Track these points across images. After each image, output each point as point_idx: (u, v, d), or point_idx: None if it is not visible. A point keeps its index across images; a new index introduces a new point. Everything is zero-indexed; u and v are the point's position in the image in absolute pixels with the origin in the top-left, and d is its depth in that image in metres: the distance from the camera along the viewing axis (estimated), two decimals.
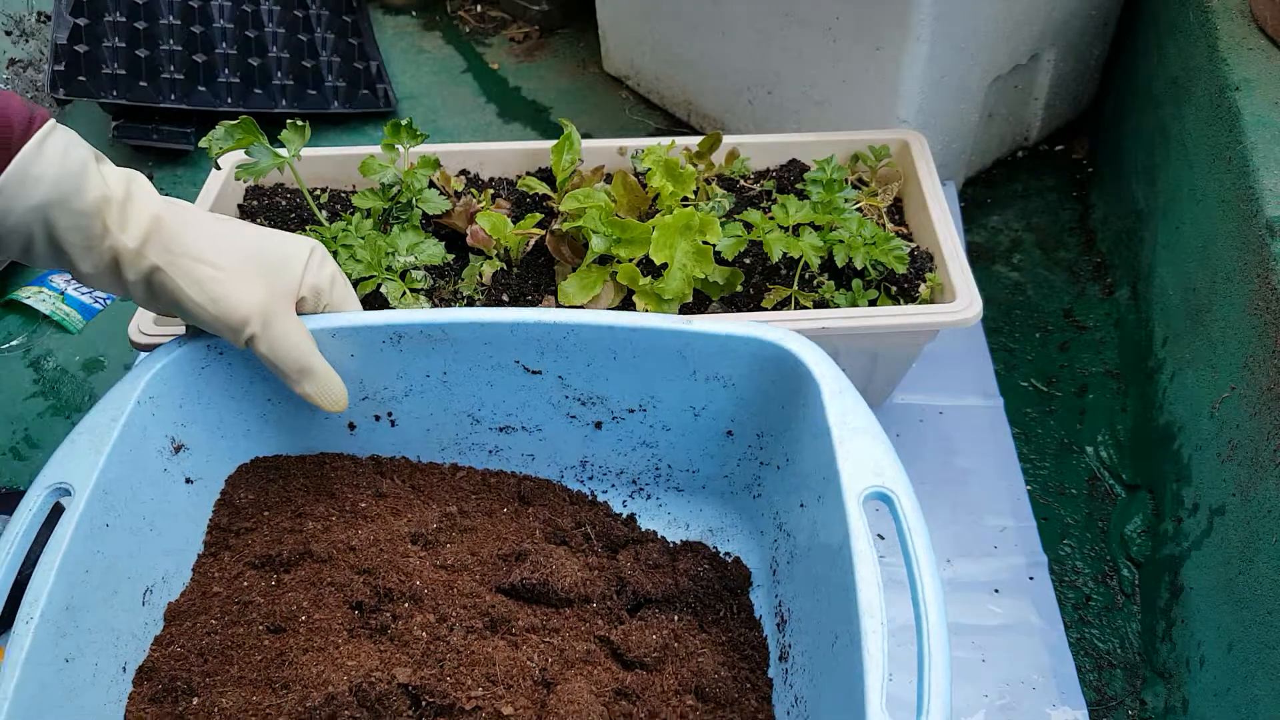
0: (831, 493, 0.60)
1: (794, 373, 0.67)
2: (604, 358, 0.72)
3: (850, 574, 0.55)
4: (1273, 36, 0.86)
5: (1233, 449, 0.72)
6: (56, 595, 0.56)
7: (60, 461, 0.61)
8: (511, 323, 0.70)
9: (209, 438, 0.71)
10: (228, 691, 0.62)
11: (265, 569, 0.69)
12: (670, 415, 0.75)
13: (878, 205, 0.89)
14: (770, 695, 0.66)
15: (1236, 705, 0.65)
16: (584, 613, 0.69)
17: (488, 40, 1.55)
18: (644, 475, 0.80)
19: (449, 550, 0.71)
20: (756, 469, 0.76)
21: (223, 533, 0.71)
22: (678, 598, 0.70)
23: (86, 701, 0.58)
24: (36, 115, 0.57)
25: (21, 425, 0.99)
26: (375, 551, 0.69)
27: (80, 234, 0.58)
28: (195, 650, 0.64)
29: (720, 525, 0.78)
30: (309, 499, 0.73)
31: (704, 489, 0.80)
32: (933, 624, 0.52)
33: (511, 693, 0.61)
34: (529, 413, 0.76)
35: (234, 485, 0.73)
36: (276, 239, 0.66)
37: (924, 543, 0.55)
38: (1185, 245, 0.88)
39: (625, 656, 0.66)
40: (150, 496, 0.66)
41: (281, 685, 0.62)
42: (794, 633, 0.66)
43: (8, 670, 0.52)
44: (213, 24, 1.33)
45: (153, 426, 0.67)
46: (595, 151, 0.92)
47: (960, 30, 1.00)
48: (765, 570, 0.73)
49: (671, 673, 0.65)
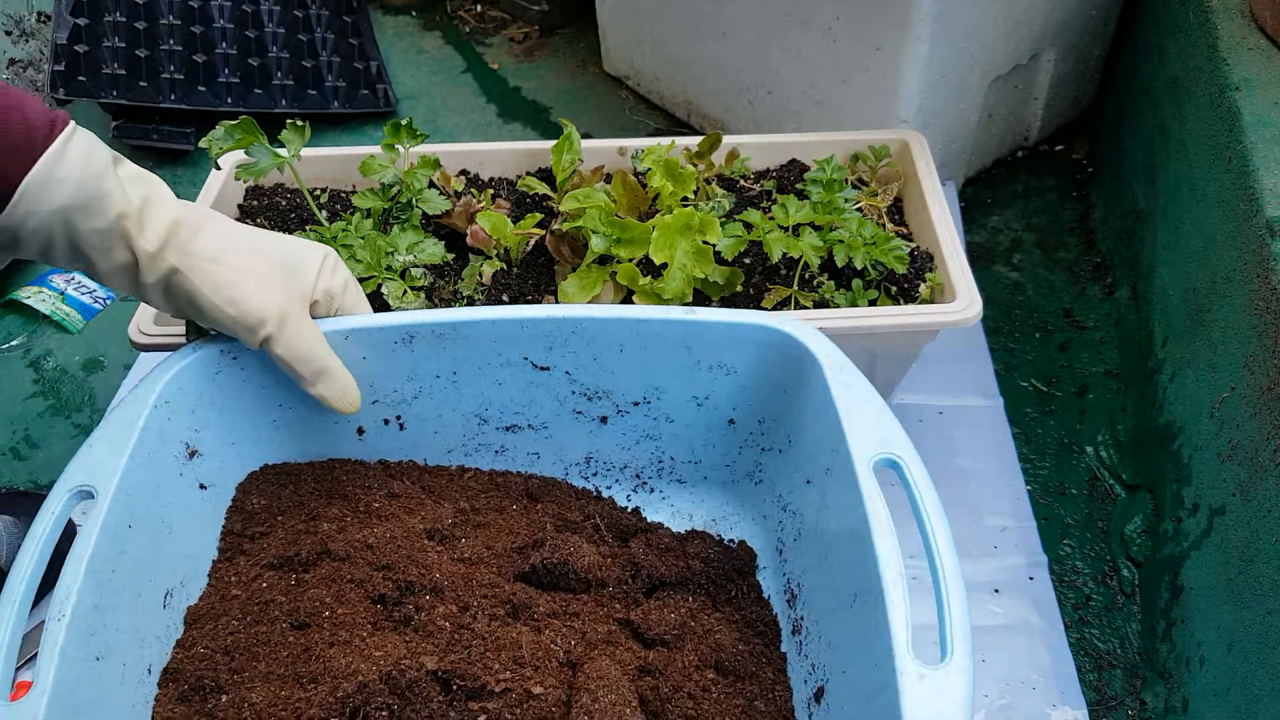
0: (840, 463, 0.62)
1: (796, 356, 0.69)
2: (610, 351, 0.73)
3: (867, 533, 0.57)
4: (1273, 36, 0.86)
5: (1233, 449, 0.72)
6: (86, 593, 0.57)
7: (81, 464, 0.62)
8: (522, 319, 0.71)
9: (221, 444, 0.72)
10: (256, 687, 0.62)
11: (284, 569, 0.70)
12: (674, 407, 0.76)
13: (878, 205, 0.89)
14: (785, 668, 0.68)
15: (1236, 705, 0.65)
16: (601, 597, 0.70)
17: (488, 40, 1.55)
18: (647, 469, 0.81)
19: (465, 544, 0.72)
20: (758, 455, 0.78)
21: (237, 538, 0.72)
22: (690, 580, 0.72)
23: (116, 700, 0.59)
24: (58, 118, 0.58)
25: (21, 425, 0.99)
26: (393, 548, 0.70)
27: (100, 237, 0.59)
28: (220, 649, 0.65)
29: (723, 514, 0.80)
30: (321, 502, 0.74)
31: (706, 479, 0.81)
32: (949, 571, 0.54)
33: (540, 673, 0.62)
34: (536, 410, 0.77)
35: (245, 492, 0.74)
36: (291, 244, 0.67)
37: (934, 502, 0.58)
38: (1185, 245, 0.88)
39: (645, 635, 0.67)
40: (168, 500, 0.67)
41: (310, 679, 0.62)
42: (805, 605, 0.68)
43: (44, 664, 0.53)
44: (213, 24, 1.33)
45: (169, 431, 0.68)
46: (595, 151, 0.92)
47: (960, 30, 1.00)
48: (771, 551, 0.75)
49: (691, 649, 0.66)
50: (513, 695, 0.60)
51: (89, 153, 0.58)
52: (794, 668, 0.67)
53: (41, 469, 0.95)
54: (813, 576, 0.68)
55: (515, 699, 0.60)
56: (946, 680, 0.51)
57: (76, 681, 0.55)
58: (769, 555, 0.75)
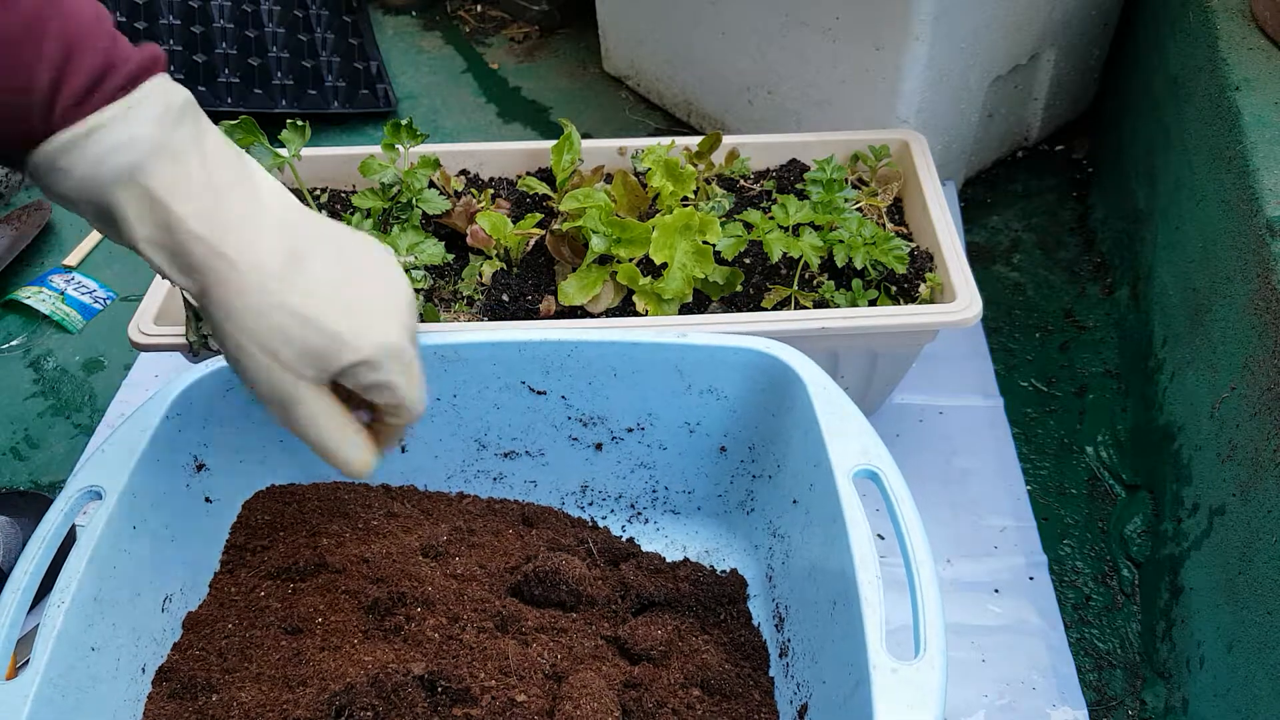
0: (822, 477, 0.63)
1: (783, 378, 0.70)
2: (604, 375, 0.74)
3: (844, 538, 0.59)
4: (1273, 36, 0.86)
5: (1233, 449, 0.72)
6: (87, 584, 0.58)
7: (92, 467, 0.63)
8: (519, 342, 0.72)
9: (228, 460, 0.73)
10: (246, 687, 0.64)
11: (281, 579, 0.71)
12: (667, 433, 0.77)
13: (878, 205, 0.89)
14: (772, 690, 0.68)
15: (1236, 705, 0.65)
16: (590, 615, 0.70)
17: (488, 40, 1.55)
18: (641, 499, 0.81)
19: (458, 562, 0.72)
20: (749, 483, 0.78)
21: (240, 551, 0.73)
22: (679, 601, 0.72)
23: (107, 693, 0.60)
24: (154, 54, 0.48)
25: (21, 425, 0.99)
26: (388, 562, 0.70)
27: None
28: (214, 651, 0.67)
29: (715, 545, 0.80)
30: (323, 520, 0.75)
31: (699, 510, 0.81)
32: (924, 574, 0.56)
33: (524, 682, 0.63)
34: (533, 436, 0.78)
35: (251, 509, 0.75)
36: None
37: (911, 510, 0.59)
38: (1185, 245, 0.88)
39: (632, 651, 0.67)
40: (174, 508, 0.68)
41: (299, 681, 0.63)
42: (792, 626, 0.68)
43: (40, 646, 0.55)
44: (213, 24, 1.34)
45: (179, 441, 0.69)
46: (595, 151, 0.92)
47: (960, 30, 1.00)
48: (761, 580, 0.75)
49: (677, 667, 0.66)
50: (497, 702, 0.61)
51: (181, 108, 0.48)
52: (780, 691, 0.67)
53: (41, 469, 0.95)
54: (799, 595, 0.68)
55: (499, 705, 0.61)
56: (919, 675, 0.52)
57: (70, 668, 0.57)
58: (759, 584, 0.75)
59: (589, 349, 0.72)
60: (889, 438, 0.91)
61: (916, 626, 0.54)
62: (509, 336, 0.72)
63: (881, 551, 0.58)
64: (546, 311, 0.81)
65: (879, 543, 0.81)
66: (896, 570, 0.58)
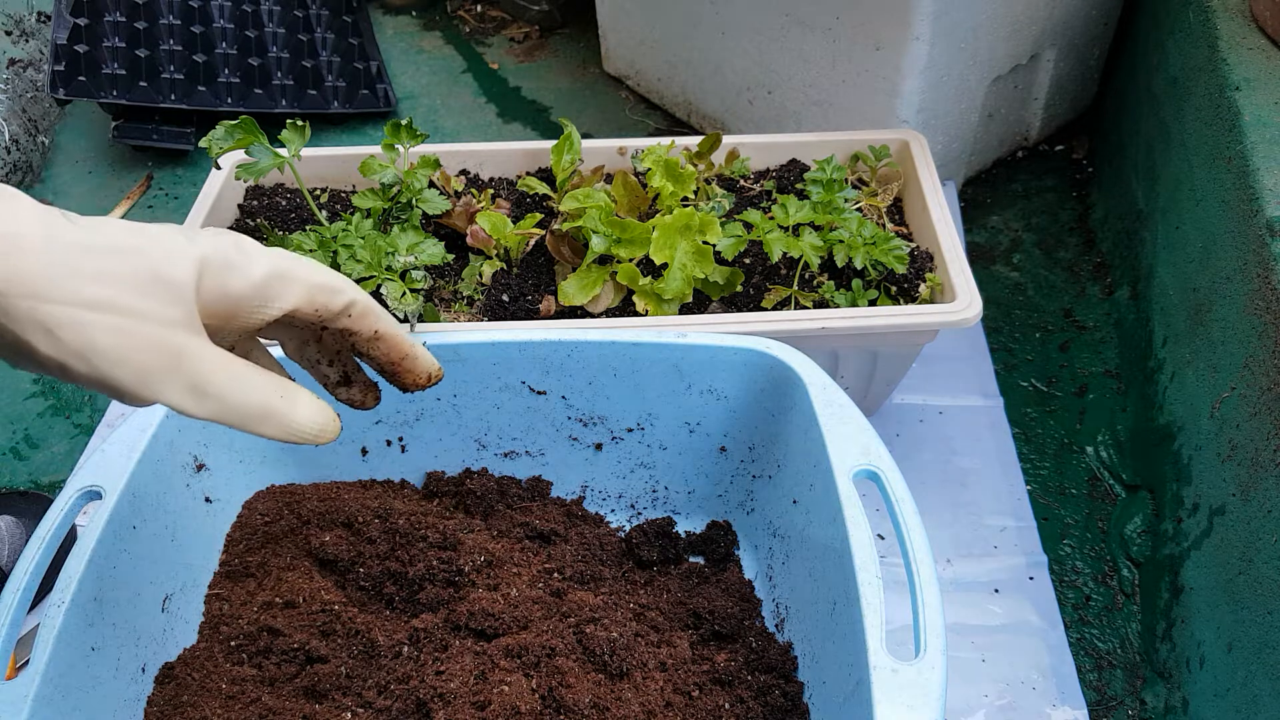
0: (822, 477, 0.64)
1: (783, 378, 0.70)
2: (605, 375, 0.74)
3: (845, 540, 0.58)
4: (1273, 36, 0.86)
5: (1233, 449, 0.72)
6: (87, 583, 0.59)
7: (92, 466, 0.63)
8: (520, 342, 0.72)
9: (228, 460, 0.73)
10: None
11: (279, 582, 0.71)
12: (667, 433, 0.77)
13: (878, 205, 0.89)
14: None
15: (1236, 705, 0.65)
16: (603, 583, 0.72)
17: (488, 40, 1.55)
18: (642, 499, 0.81)
19: (471, 538, 0.74)
20: (749, 483, 0.78)
21: (239, 552, 0.73)
22: (681, 560, 0.75)
23: (108, 693, 0.60)
24: None
25: (21, 425, 0.99)
26: (403, 524, 0.73)
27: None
28: (223, 651, 0.67)
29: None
30: (323, 523, 0.75)
31: (700, 510, 0.81)
32: (924, 574, 0.55)
33: (536, 606, 0.67)
34: (533, 436, 0.78)
35: (251, 509, 0.75)
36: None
37: (911, 510, 0.59)
38: (1185, 245, 0.88)
39: (639, 593, 0.71)
40: (174, 508, 0.68)
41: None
42: (792, 625, 0.68)
43: (40, 646, 0.55)
44: (213, 24, 1.33)
45: (179, 441, 0.69)
46: (595, 151, 0.92)
47: (960, 30, 1.00)
48: (762, 579, 0.75)
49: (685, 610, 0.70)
50: (509, 620, 0.65)
51: None
52: None
53: (41, 469, 0.95)
54: (799, 595, 0.68)
55: (512, 623, 0.65)
56: (919, 675, 0.52)
57: (69, 667, 0.57)
58: (760, 583, 0.75)
59: (589, 349, 0.72)
60: (889, 438, 0.92)
61: (916, 627, 0.54)
62: (509, 336, 0.72)
63: (881, 551, 0.58)
64: (546, 311, 0.81)
65: (879, 543, 0.81)
66: (896, 570, 0.58)
